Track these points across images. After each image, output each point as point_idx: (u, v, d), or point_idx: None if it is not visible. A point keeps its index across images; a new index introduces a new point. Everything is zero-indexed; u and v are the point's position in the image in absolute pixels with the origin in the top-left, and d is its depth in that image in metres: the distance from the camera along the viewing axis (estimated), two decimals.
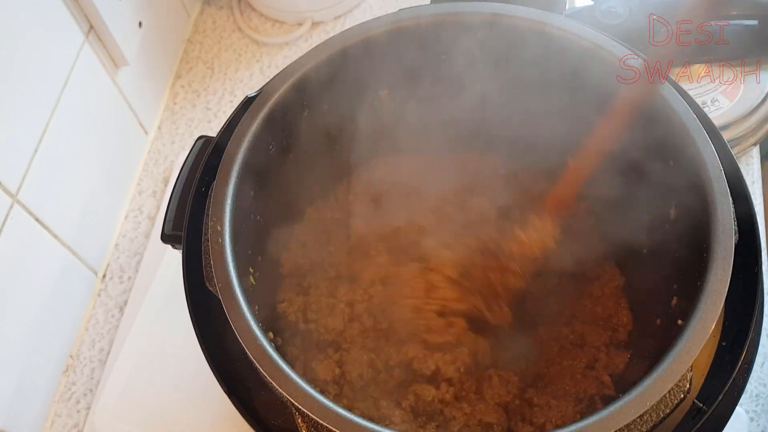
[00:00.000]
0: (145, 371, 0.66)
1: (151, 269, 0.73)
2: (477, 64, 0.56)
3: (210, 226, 0.47)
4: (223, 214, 0.47)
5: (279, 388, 0.41)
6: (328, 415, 0.40)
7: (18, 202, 0.60)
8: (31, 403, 0.66)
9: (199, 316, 0.49)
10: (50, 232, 0.65)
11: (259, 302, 0.51)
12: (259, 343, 0.42)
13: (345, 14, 0.90)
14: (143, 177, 0.81)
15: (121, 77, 0.76)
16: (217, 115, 0.85)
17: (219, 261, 0.45)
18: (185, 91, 0.87)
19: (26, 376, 0.64)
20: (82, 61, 0.68)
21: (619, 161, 0.51)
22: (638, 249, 0.55)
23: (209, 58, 0.89)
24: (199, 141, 0.58)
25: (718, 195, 0.45)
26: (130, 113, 0.79)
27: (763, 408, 0.63)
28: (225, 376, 0.47)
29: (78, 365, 0.71)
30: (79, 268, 0.71)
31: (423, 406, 0.52)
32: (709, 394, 0.44)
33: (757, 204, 0.72)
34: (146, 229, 0.78)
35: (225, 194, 0.48)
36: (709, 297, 0.42)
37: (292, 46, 0.89)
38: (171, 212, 0.54)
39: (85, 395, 0.69)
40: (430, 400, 0.52)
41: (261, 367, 0.42)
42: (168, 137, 0.84)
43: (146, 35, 0.79)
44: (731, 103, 0.70)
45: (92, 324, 0.73)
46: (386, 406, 0.51)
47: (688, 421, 0.44)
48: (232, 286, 0.45)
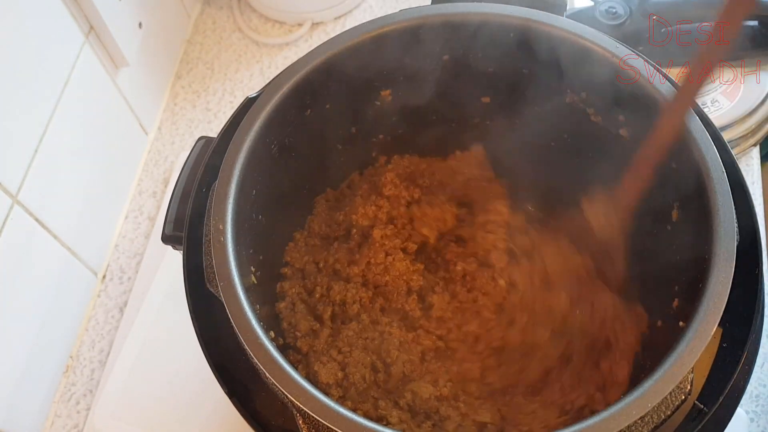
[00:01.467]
0: (145, 372, 0.66)
1: (151, 270, 0.73)
2: (477, 62, 0.56)
3: (212, 225, 0.47)
4: (225, 213, 0.47)
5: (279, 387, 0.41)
6: (329, 414, 0.40)
7: (18, 202, 0.60)
8: (31, 403, 0.66)
9: (199, 317, 0.49)
10: (50, 233, 0.65)
11: (261, 301, 0.51)
12: (261, 342, 0.42)
13: (345, 15, 0.90)
14: (143, 177, 0.81)
15: (122, 78, 0.76)
16: (217, 115, 0.85)
17: (221, 260, 0.45)
18: (185, 92, 0.87)
19: (26, 376, 0.64)
20: (83, 62, 0.68)
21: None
22: (639, 250, 0.55)
23: (209, 59, 0.89)
24: (200, 141, 0.58)
25: (720, 196, 0.45)
26: (130, 114, 0.79)
27: (763, 409, 0.63)
28: (225, 377, 0.47)
29: (78, 366, 0.71)
30: (79, 269, 0.71)
31: (420, 404, 0.52)
32: (709, 396, 0.44)
33: (758, 204, 0.72)
34: (146, 230, 0.78)
35: (227, 193, 0.48)
36: (710, 299, 0.42)
37: (292, 46, 0.89)
38: (171, 213, 0.54)
39: (85, 396, 0.69)
40: (426, 398, 0.52)
41: (261, 366, 0.41)
42: (168, 138, 0.84)
43: (146, 36, 0.78)
44: (731, 103, 0.70)
45: (92, 325, 0.73)
46: (384, 406, 0.51)
47: (688, 422, 0.43)
48: (233, 285, 0.44)
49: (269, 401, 0.45)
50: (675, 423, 0.43)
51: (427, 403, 0.52)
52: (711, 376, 0.45)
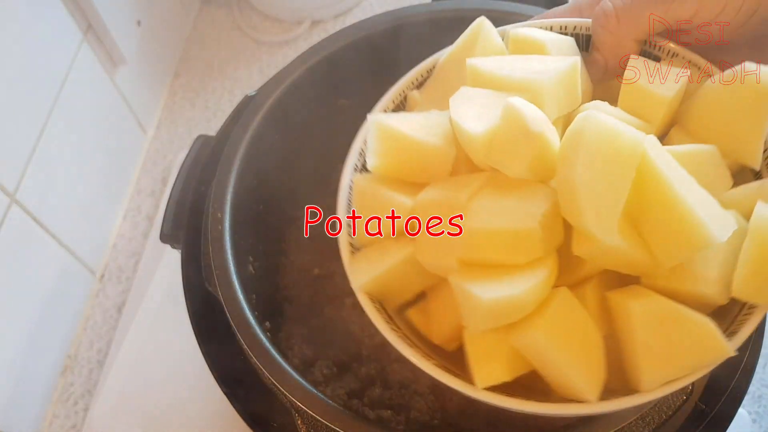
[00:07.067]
0: (143, 372, 0.66)
1: (149, 269, 0.72)
2: None
3: (210, 213, 0.47)
4: (224, 202, 0.47)
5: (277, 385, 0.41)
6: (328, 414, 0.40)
7: (16, 201, 0.59)
8: (29, 403, 0.65)
9: (197, 317, 0.48)
10: (48, 232, 0.65)
11: (258, 292, 0.51)
12: (253, 331, 0.43)
13: (345, 13, 0.90)
14: (142, 176, 0.81)
15: (120, 76, 0.75)
16: (216, 114, 0.85)
17: (217, 248, 0.45)
18: (184, 90, 0.87)
19: (24, 376, 0.64)
20: (81, 60, 0.68)
21: None
22: None
23: (208, 57, 0.89)
24: (198, 140, 0.57)
25: None
26: (128, 112, 0.78)
27: (765, 409, 0.63)
28: (224, 377, 0.47)
29: (76, 366, 0.70)
30: (77, 269, 0.71)
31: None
32: (711, 396, 0.44)
33: None
34: (145, 229, 0.77)
35: (227, 182, 0.48)
36: None
37: (291, 45, 0.88)
38: (170, 212, 0.54)
39: (83, 396, 0.69)
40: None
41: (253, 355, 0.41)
42: (167, 136, 0.84)
43: (145, 34, 0.78)
44: None
45: (90, 324, 0.72)
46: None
47: (690, 423, 0.43)
48: (229, 273, 0.44)
49: (268, 402, 0.45)
50: (677, 423, 0.43)
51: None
52: (712, 377, 0.45)
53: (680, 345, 0.32)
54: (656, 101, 0.37)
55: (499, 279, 0.33)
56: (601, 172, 0.31)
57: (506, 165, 0.34)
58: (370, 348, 0.53)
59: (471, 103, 0.36)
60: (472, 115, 0.36)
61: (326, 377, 0.52)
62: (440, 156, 0.38)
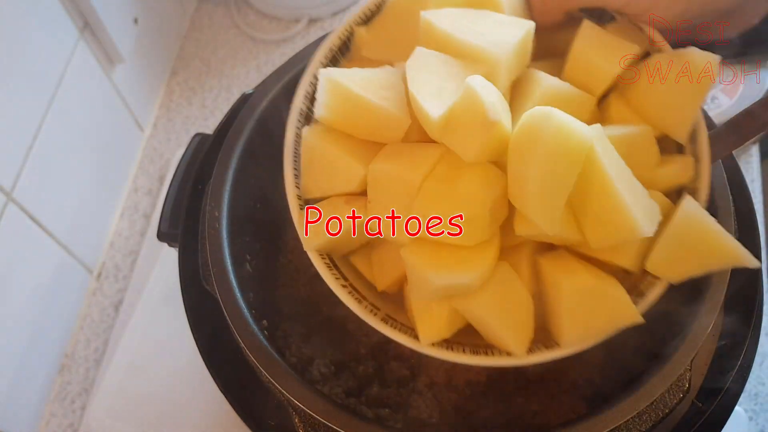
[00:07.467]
0: (140, 371, 0.66)
1: (146, 268, 0.72)
2: None
3: (207, 211, 0.47)
4: (222, 200, 0.47)
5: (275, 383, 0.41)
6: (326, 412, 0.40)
7: (12, 200, 0.59)
8: (26, 402, 0.65)
9: (194, 315, 0.48)
10: (45, 231, 0.65)
11: (255, 290, 0.51)
12: (250, 330, 0.43)
13: (342, 11, 0.90)
14: (139, 174, 0.81)
15: (117, 74, 0.75)
16: (213, 112, 0.84)
17: (215, 246, 0.45)
18: (181, 88, 0.87)
19: (21, 375, 0.63)
20: (77, 58, 0.68)
21: None
22: None
23: (205, 55, 0.89)
24: (196, 138, 0.57)
25: (718, 193, 0.45)
26: (125, 110, 0.78)
27: (761, 407, 0.63)
28: (221, 375, 0.46)
29: (73, 365, 0.70)
30: (74, 267, 0.71)
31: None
32: (708, 394, 0.44)
33: (757, 203, 0.71)
34: (142, 228, 0.77)
35: (224, 180, 0.48)
36: (708, 296, 0.42)
37: (289, 43, 0.88)
38: (167, 210, 0.54)
39: (81, 395, 0.69)
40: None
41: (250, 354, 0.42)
42: (164, 134, 0.83)
43: (142, 32, 0.78)
44: (731, 101, 0.70)
45: (87, 323, 0.72)
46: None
47: (687, 420, 0.43)
48: (226, 271, 0.44)
49: (265, 400, 0.45)
50: (674, 421, 0.43)
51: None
52: (709, 374, 0.45)
53: (599, 313, 0.37)
54: (603, 76, 0.39)
55: (448, 261, 0.36)
56: (552, 170, 0.34)
57: (461, 148, 0.36)
58: (367, 346, 0.53)
59: (429, 73, 0.37)
60: (431, 91, 0.36)
61: (324, 376, 0.52)
62: (394, 122, 0.38)
